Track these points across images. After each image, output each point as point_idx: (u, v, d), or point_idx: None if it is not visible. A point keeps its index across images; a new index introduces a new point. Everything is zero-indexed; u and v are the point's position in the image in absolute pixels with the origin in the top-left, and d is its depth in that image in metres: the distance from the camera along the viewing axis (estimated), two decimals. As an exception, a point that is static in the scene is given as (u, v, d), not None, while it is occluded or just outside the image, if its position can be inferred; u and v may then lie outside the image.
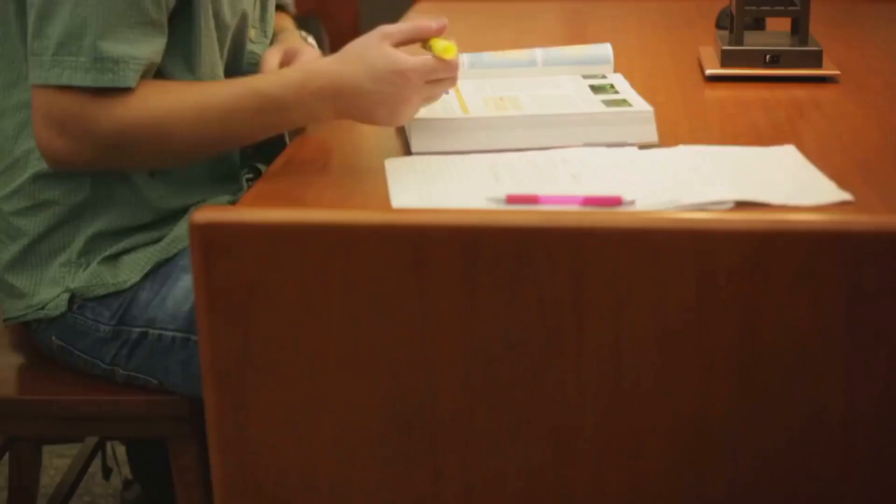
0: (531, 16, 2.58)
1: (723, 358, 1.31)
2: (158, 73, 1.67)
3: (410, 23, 1.61)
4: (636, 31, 2.40)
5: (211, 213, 1.35)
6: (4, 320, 1.81)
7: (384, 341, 1.34)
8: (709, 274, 1.29)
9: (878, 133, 1.71)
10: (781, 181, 1.49)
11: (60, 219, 1.74)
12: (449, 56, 1.57)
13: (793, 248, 1.29)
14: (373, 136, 1.72)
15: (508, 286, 1.32)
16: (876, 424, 1.30)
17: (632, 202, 1.42)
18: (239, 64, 1.82)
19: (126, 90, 1.60)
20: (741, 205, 1.41)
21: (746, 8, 1.99)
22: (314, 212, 1.39)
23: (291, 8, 2.09)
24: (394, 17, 2.51)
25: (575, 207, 1.41)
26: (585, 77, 1.84)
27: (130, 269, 1.74)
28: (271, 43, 1.94)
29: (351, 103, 1.59)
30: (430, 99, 1.62)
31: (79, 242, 1.74)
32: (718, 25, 2.28)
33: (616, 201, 1.41)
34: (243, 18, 1.79)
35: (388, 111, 1.59)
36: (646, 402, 1.32)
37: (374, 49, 1.58)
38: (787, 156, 1.58)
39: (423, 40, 1.61)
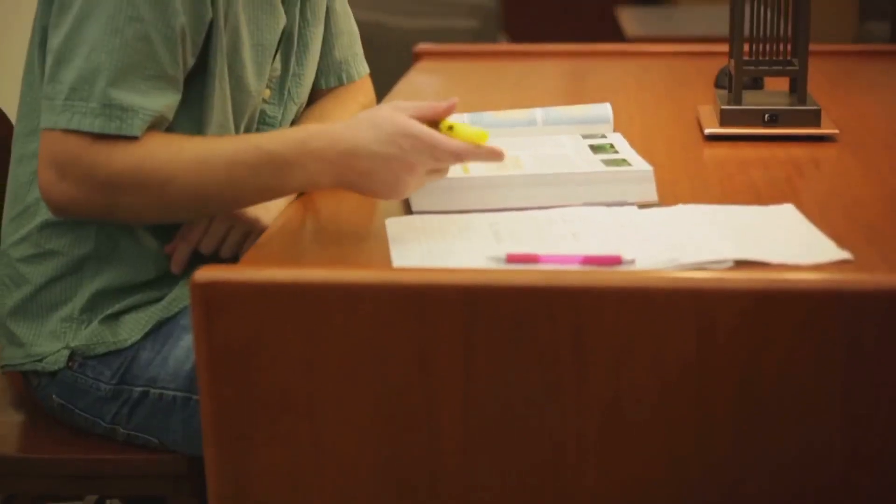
0: (531, 75, 2.59)
1: (723, 415, 1.31)
2: (168, 130, 1.67)
3: (423, 102, 1.58)
4: (635, 90, 2.41)
5: (212, 271, 1.36)
6: (2, 367, 1.81)
7: (385, 399, 1.34)
8: (709, 332, 1.30)
9: (877, 192, 1.71)
10: (781, 240, 1.49)
11: (63, 270, 1.74)
12: (482, 140, 1.53)
13: (792, 306, 1.29)
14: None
15: (509, 345, 1.32)
16: (876, 481, 1.30)
17: (632, 261, 1.42)
18: (251, 123, 1.82)
19: (130, 139, 1.59)
20: (741, 264, 1.41)
21: (745, 67, 2.00)
22: (315, 271, 1.39)
23: (355, 73, 2.01)
24: (394, 77, 2.52)
25: (575, 267, 1.42)
26: (585, 136, 1.84)
27: (131, 328, 1.74)
28: (308, 105, 1.94)
29: (352, 166, 1.55)
30: (434, 174, 1.58)
31: (81, 298, 1.74)
32: (717, 84, 2.29)
33: (616, 260, 1.42)
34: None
35: (389, 177, 1.54)
36: (646, 458, 1.32)
37: (385, 114, 1.55)
38: (787, 215, 1.58)
39: (434, 121, 1.56)
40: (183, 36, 1.62)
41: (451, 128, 1.55)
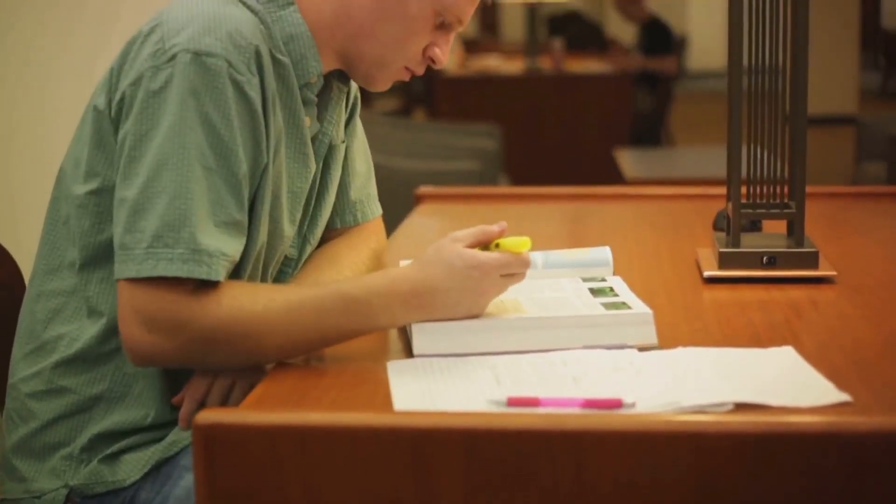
0: (531, 217, 2.61)
1: (725, 561, 1.31)
2: None
3: (476, 228, 1.69)
4: (635, 232, 2.43)
5: (214, 414, 1.36)
6: (1, 501, 1.80)
7: (386, 544, 1.34)
8: (708, 475, 1.30)
9: (874, 333, 1.72)
10: (780, 382, 1.49)
11: (72, 408, 1.75)
12: (524, 249, 1.67)
13: (792, 448, 1.30)
14: (375, 337, 1.73)
15: (510, 488, 1.32)
16: None
17: (632, 404, 1.42)
18: (276, 266, 1.85)
19: (216, 285, 1.61)
20: (741, 406, 1.41)
21: (743, 210, 2.02)
22: (316, 414, 1.40)
23: (369, 212, 2.04)
24: (397, 219, 2.55)
25: (576, 410, 1.42)
26: (585, 280, 1.86)
27: (131, 468, 1.74)
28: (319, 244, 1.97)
29: (434, 304, 1.64)
30: (501, 292, 1.68)
31: (84, 437, 1.74)
32: (716, 227, 2.31)
33: (616, 404, 1.42)
34: None
35: (467, 305, 1.65)
36: None
37: (450, 250, 1.65)
38: (786, 357, 1.59)
39: (487, 243, 1.68)
40: (244, 183, 1.66)
41: (497, 245, 1.68)
